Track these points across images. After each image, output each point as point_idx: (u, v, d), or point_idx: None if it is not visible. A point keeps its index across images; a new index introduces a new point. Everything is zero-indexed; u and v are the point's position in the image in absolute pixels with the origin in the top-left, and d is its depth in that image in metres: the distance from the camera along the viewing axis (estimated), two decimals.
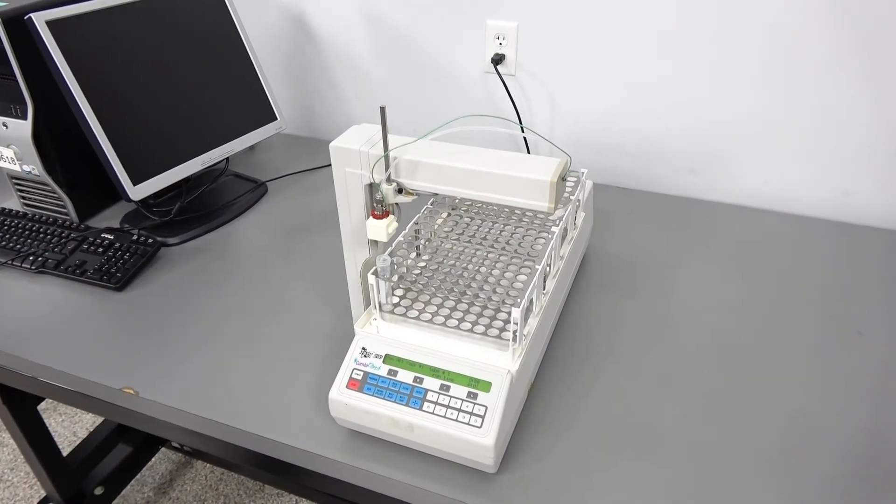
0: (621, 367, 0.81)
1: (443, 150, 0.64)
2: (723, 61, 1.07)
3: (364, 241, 0.72)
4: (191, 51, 1.12)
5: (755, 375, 0.79)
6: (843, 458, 0.68)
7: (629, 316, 0.89)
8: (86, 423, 1.79)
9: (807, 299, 0.91)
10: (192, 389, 0.79)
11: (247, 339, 0.87)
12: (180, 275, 1.00)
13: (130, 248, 1.01)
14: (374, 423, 0.68)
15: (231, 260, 1.03)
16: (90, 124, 0.95)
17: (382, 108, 0.60)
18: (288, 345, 0.85)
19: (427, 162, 0.63)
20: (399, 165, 0.63)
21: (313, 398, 0.77)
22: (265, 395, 0.78)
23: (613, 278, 0.97)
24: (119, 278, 0.96)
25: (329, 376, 0.80)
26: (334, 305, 0.92)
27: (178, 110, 1.09)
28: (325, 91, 1.43)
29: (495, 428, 0.63)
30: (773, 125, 1.10)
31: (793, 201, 1.14)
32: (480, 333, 0.68)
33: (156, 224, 1.09)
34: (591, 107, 1.20)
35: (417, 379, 0.67)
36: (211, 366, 0.82)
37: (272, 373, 0.81)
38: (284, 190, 1.24)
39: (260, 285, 0.97)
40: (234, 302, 0.94)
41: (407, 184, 0.65)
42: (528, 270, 0.76)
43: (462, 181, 0.63)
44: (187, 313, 0.92)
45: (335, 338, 0.86)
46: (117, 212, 1.16)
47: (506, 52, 1.20)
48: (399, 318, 0.71)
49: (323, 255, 1.04)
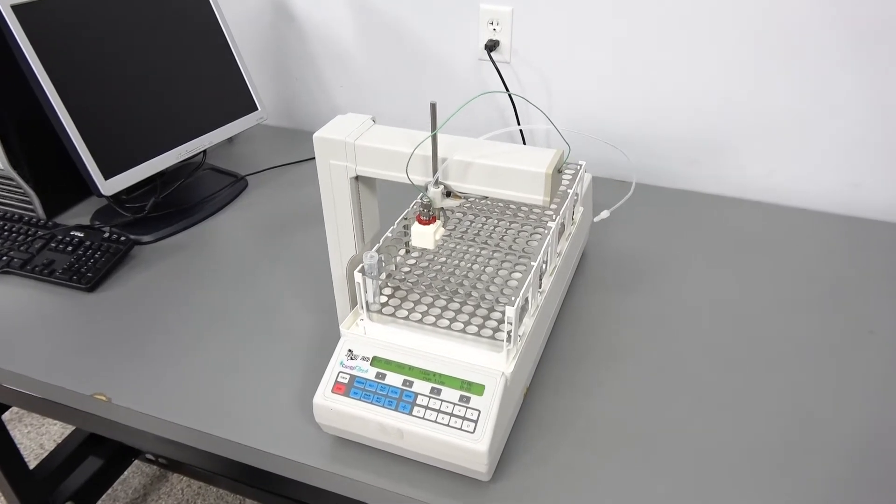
0: (621, 368, 0.81)
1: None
2: (727, 46, 1.08)
3: (350, 238, 0.72)
4: (166, 37, 1.11)
5: (762, 377, 0.79)
6: (855, 462, 0.69)
7: (629, 315, 0.90)
8: (53, 434, 1.78)
9: (815, 297, 0.92)
10: (167, 396, 0.79)
11: (226, 342, 0.86)
12: (155, 275, 1.00)
13: (102, 247, 1.01)
14: (361, 430, 0.68)
15: (209, 258, 1.03)
16: (58, 115, 0.95)
17: (433, 104, 0.59)
18: (269, 347, 0.85)
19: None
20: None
21: (297, 403, 0.77)
22: (245, 401, 0.78)
23: (613, 276, 0.97)
24: (90, 278, 0.96)
25: (313, 380, 0.80)
26: (319, 305, 0.92)
27: (152, 100, 1.08)
28: (309, 79, 1.43)
29: (489, 433, 0.63)
30: (779, 113, 1.10)
31: (799, 194, 1.15)
32: (473, 334, 0.68)
33: (129, 221, 1.09)
34: (589, 95, 1.21)
35: (407, 382, 0.67)
36: (188, 370, 0.82)
37: (253, 377, 0.81)
38: (265, 184, 1.24)
39: (239, 285, 0.97)
40: (211, 303, 0.93)
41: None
42: (523, 268, 0.77)
43: (452, 173, 0.63)
44: (162, 315, 0.91)
45: (320, 339, 0.86)
46: (87, 208, 1.16)
47: (500, 39, 1.21)
48: (387, 318, 0.71)
49: (307, 252, 1.04)
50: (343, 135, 0.66)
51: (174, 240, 1.08)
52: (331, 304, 0.92)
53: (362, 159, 0.66)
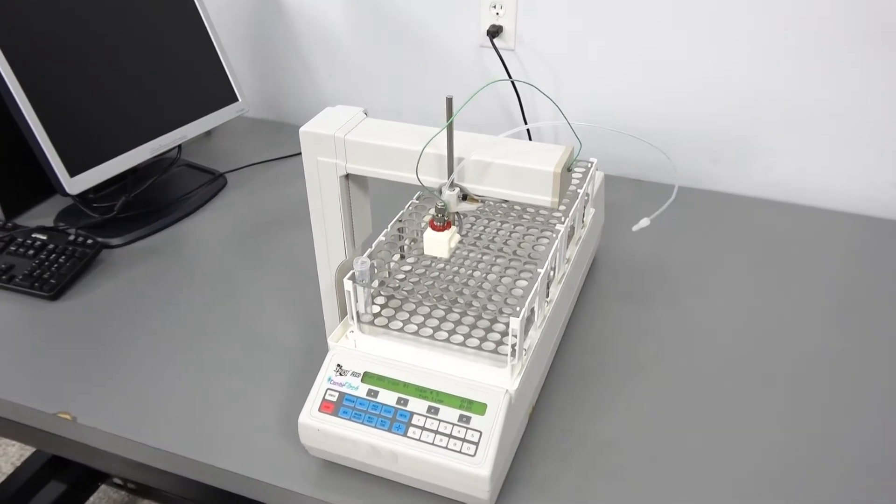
0: (636, 387, 0.81)
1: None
2: (755, 30, 1.08)
3: (339, 242, 0.72)
4: (138, 21, 1.12)
5: (790, 396, 0.79)
6: (893, 490, 0.69)
7: (645, 328, 0.90)
8: (11, 457, 1.77)
9: (850, 308, 0.92)
10: (138, 414, 0.78)
11: (202, 356, 0.86)
12: (125, 281, 1.00)
13: (66, 251, 1.01)
14: (351, 452, 0.68)
15: (184, 263, 1.03)
16: (19, 106, 0.95)
17: (449, 98, 0.58)
18: (250, 362, 0.85)
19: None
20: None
21: (280, 423, 0.77)
22: (223, 421, 0.77)
23: (627, 284, 0.98)
24: (53, 285, 0.96)
25: (299, 398, 0.80)
26: (305, 316, 0.92)
27: (122, 90, 1.08)
28: (295, 68, 1.43)
29: (491, 456, 0.63)
30: (811, 105, 1.11)
31: (833, 194, 1.15)
32: (474, 348, 0.69)
33: (96, 222, 1.09)
34: (602, 87, 1.21)
35: (401, 400, 0.67)
36: (160, 387, 0.82)
37: (232, 395, 0.81)
38: (246, 182, 1.24)
39: (218, 293, 0.97)
40: (187, 312, 0.94)
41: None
42: (528, 275, 0.77)
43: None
44: (133, 326, 0.91)
45: (305, 353, 0.86)
46: (51, 208, 1.15)
47: (503, 24, 1.21)
48: (380, 329, 0.72)
49: (291, 257, 1.04)
50: (332, 129, 0.66)
51: (146, 243, 1.08)
52: (318, 314, 0.92)
53: (353, 156, 0.66)
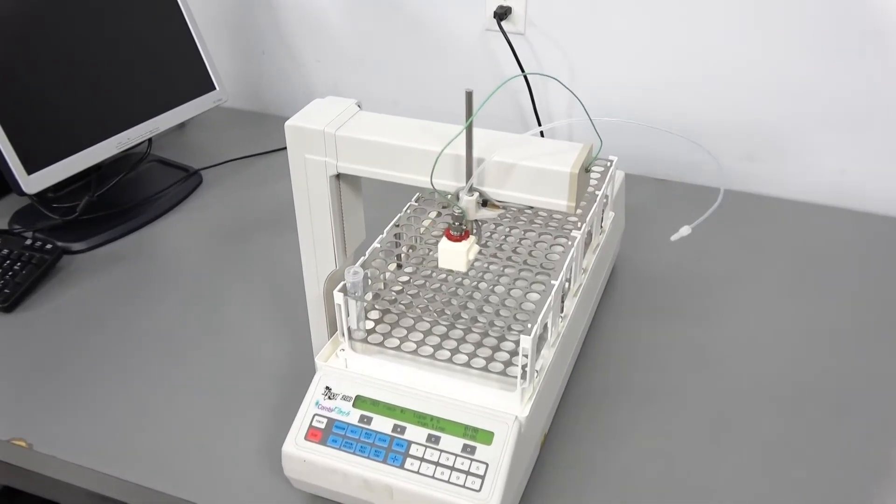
0: (659, 411, 0.81)
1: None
2: (798, 18, 1.08)
3: (329, 249, 0.72)
4: (102, 4, 1.11)
5: (830, 420, 0.79)
6: None
7: (669, 345, 0.90)
8: None
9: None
10: (101, 441, 0.78)
11: (174, 376, 0.86)
12: (88, 291, 0.99)
13: (23, 257, 1.01)
14: (340, 486, 0.68)
15: (154, 271, 1.03)
16: None
17: (469, 91, 0.58)
18: (228, 382, 0.85)
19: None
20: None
21: (261, 452, 0.77)
22: (198, 449, 0.77)
23: (650, 296, 0.97)
24: (7, 296, 0.96)
25: (282, 424, 0.79)
26: (289, 332, 0.92)
27: (86, 78, 1.08)
28: (279, 53, 1.43)
29: (499, 491, 0.63)
30: (856, 99, 1.11)
31: (877, 198, 1.16)
32: (480, 369, 0.68)
33: (56, 224, 1.09)
34: (622, 76, 1.21)
35: (398, 428, 0.67)
36: (127, 411, 0.82)
37: (207, 419, 0.81)
38: (224, 180, 1.24)
39: (192, 305, 0.97)
40: (157, 326, 0.93)
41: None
42: (541, 287, 0.77)
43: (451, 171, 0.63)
44: (96, 342, 0.91)
45: (290, 374, 0.86)
46: (5, 209, 1.16)
47: (512, 5, 1.21)
48: (374, 348, 0.71)
49: (274, 265, 1.04)
50: (322, 123, 0.66)
51: (112, 248, 1.08)
52: (305, 330, 0.91)
53: (345, 154, 0.66)
